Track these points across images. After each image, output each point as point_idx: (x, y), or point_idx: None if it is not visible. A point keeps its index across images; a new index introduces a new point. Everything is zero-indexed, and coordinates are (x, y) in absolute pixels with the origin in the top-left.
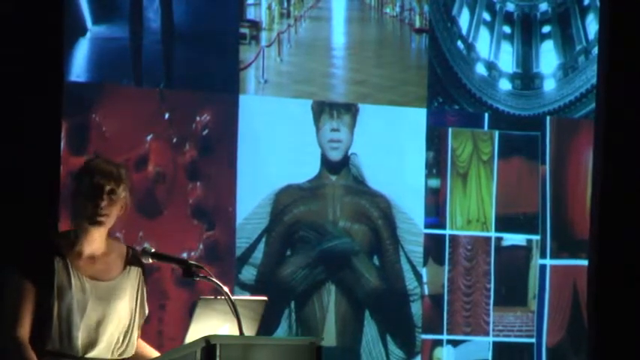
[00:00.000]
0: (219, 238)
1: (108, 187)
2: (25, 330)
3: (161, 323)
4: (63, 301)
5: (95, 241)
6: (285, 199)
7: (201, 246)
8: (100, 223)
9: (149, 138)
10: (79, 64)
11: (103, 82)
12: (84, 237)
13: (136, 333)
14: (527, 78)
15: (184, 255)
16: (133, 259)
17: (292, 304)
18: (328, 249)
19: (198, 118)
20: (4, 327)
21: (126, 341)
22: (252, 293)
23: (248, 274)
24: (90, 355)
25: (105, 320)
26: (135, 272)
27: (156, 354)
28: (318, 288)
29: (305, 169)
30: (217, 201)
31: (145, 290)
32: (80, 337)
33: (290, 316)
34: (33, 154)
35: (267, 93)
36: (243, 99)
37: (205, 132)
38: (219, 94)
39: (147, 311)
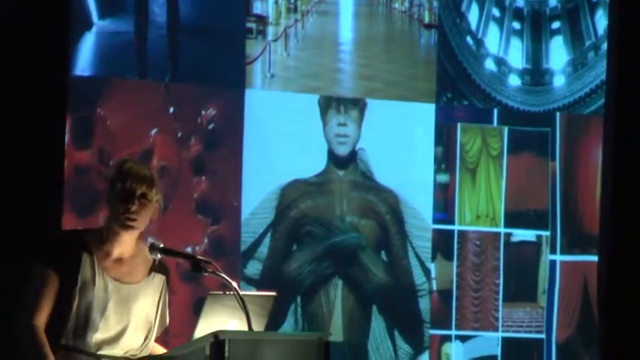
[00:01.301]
0: (224, 233)
1: (139, 191)
2: (42, 319)
3: None
4: (84, 297)
5: (125, 244)
6: (292, 194)
7: (206, 240)
8: (129, 227)
9: (154, 132)
10: (85, 59)
11: (108, 77)
12: (114, 238)
13: (152, 340)
14: (536, 74)
15: (189, 249)
16: (159, 266)
17: (298, 299)
18: (335, 244)
19: (203, 112)
20: (23, 313)
21: (141, 346)
22: (258, 288)
23: (253, 268)
24: (103, 352)
25: (123, 322)
26: (159, 279)
27: (162, 350)
28: (324, 283)
29: (311, 163)
30: (222, 195)
31: (167, 299)
32: (96, 335)
33: (296, 311)
34: (37, 148)
35: (274, 87)
36: (249, 93)
37: (211, 126)
38: (225, 88)
39: (167, 321)
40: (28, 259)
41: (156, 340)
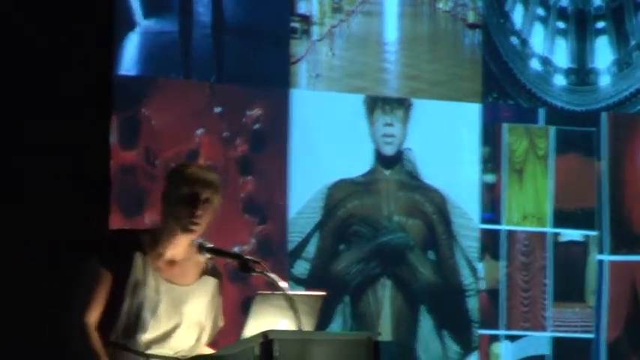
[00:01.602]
0: (271, 233)
1: (204, 196)
2: (94, 316)
3: None
4: (135, 297)
5: (179, 246)
6: (339, 194)
7: (253, 240)
8: (192, 231)
9: (199, 132)
10: (129, 58)
11: (153, 76)
12: (170, 240)
13: (203, 342)
14: (582, 73)
15: (236, 249)
16: (211, 269)
17: (346, 299)
18: (383, 243)
19: (249, 113)
20: (75, 311)
21: (192, 348)
22: (306, 288)
23: (301, 268)
24: (152, 351)
25: (174, 323)
26: (211, 282)
27: (210, 351)
28: (372, 282)
29: (358, 163)
30: (269, 195)
31: (219, 302)
32: (145, 335)
33: (344, 310)
34: (83, 148)
35: (319, 87)
36: (294, 93)
37: (256, 126)
38: (270, 88)
39: (221, 324)
40: (77, 258)
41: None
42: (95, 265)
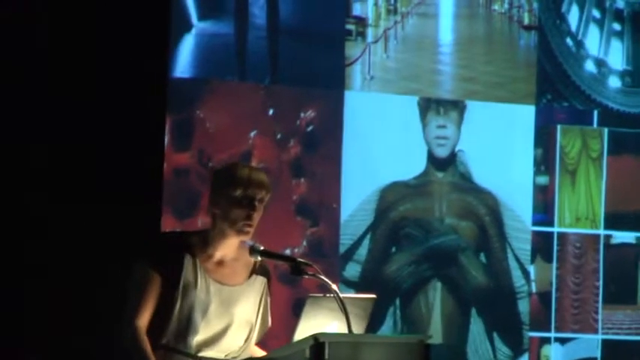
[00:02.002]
0: (323, 235)
1: (259, 197)
2: (144, 320)
3: None
4: (186, 299)
5: (229, 247)
6: (391, 196)
7: (304, 242)
8: (247, 233)
9: (253, 134)
10: (184, 60)
11: (207, 78)
12: (221, 241)
13: (253, 342)
14: (637, 75)
15: (287, 251)
16: (260, 268)
17: (397, 301)
18: (434, 246)
19: (302, 115)
20: (126, 314)
21: (241, 348)
22: (357, 290)
23: (353, 270)
24: (203, 353)
25: (224, 324)
26: (260, 282)
27: (261, 353)
28: (423, 285)
29: (411, 165)
30: (322, 197)
31: (268, 301)
32: (197, 337)
33: (395, 313)
34: (138, 150)
35: (373, 89)
36: (348, 95)
37: (310, 128)
38: (324, 90)
39: (269, 323)
40: (129, 260)
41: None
42: (145, 268)
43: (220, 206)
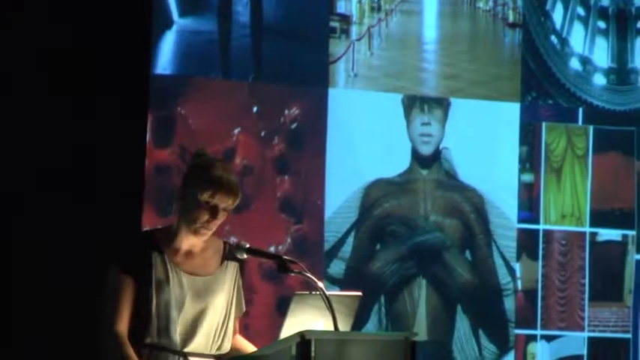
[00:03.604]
0: (307, 232)
1: (223, 206)
2: (124, 325)
3: (247, 317)
4: (161, 296)
5: (193, 238)
6: (375, 193)
7: (289, 240)
8: (203, 235)
9: (237, 131)
10: (165, 57)
11: (189, 75)
12: (184, 234)
13: (231, 328)
14: (622, 73)
15: (272, 249)
16: (230, 254)
17: (382, 299)
18: (419, 243)
19: (287, 112)
20: (105, 322)
21: (222, 335)
22: (342, 287)
23: (337, 268)
24: (188, 349)
25: (202, 315)
26: (232, 268)
27: (253, 348)
28: (408, 282)
29: (395, 163)
30: (306, 195)
31: (241, 286)
32: (178, 332)
33: (380, 310)
34: (118, 146)
35: (357, 87)
36: (332, 92)
37: (294, 125)
38: (308, 87)
39: (244, 307)
40: (105, 260)
41: (240, 333)
42: (115, 274)
43: (185, 202)
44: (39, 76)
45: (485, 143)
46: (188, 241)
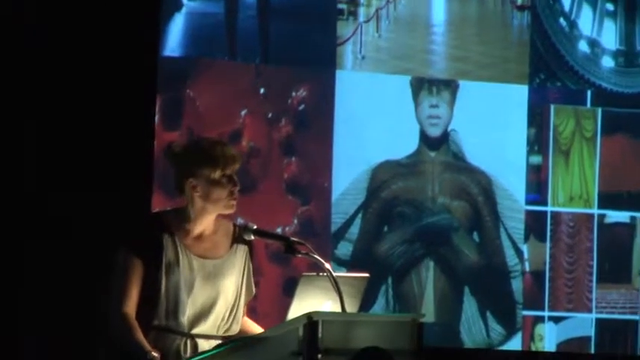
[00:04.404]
0: (314, 214)
1: (235, 171)
2: (132, 306)
3: (255, 299)
4: (171, 279)
5: (207, 221)
6: (383, 175)
7: (295, 221)
8: (233, 207)
9: (243, 113)
10: (174, 39)
11: (197, 57)
12: (201, 217)
13: (241, 310)
14: (630, 55)
15: (278, 230)
16: (240, 237)
17: (390, 280)
18: (427, 225)
19: (294, 94)
20: (113, 303)
21: (231, 318)
22: (349, 269)
23: (344, 249)
24: (195, 331)
25: (212, 298)
26: (242, 250)
27: (260, 330)
28: (416, 264)
29: (403, 145)
30: (313, 176)
31: (251, 268)
32: (187, 314)
33: (387, 292)
34: (127, 129)
35: (365, 69)
36: (340, 74)
37: (301, 107)
38: (316, 69)
39: (254, 290)
40: (115, 241)
41: (247, 315)
42: (125, 255)
43: (200, 188)
44: (50, 57)
45: (493, 125)
46: (202, 224)
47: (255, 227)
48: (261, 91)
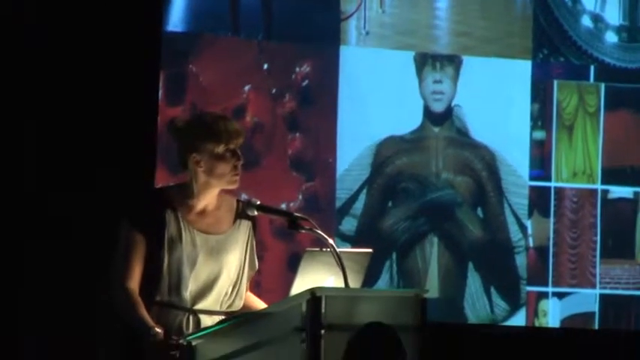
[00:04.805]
0: (318, 190)
1: (239, 145)
2: (135, 281)
3: (259, 274)
4: (173, 254)
5: (210, 196)
6: (387, 151)
7: (300, 197)
8: (237, 182)
9: (247, 88)
10: (177, 15)
11: (200, 33)
12: (203, 192)
13: (244, 286)
14: (633, 30)
15: (283, 206)
16: (243, 212)
17: (394, 256)
18: (431, 200)
19: (298, 69)
20: (116, 279)
21: (234, 294)
22: (353, 245)
23: (349, 225)
24: (198, 306)
25: (214, 274)
26: (245, 226)
27: (264, 306)
28: (420, 240)
29: (407, 120)
30: (317, 152)
31: (254, 244)
32: (189, 290)
33: (391, 267)
34: (131, 104)
35: (369, 44)
36: (344, 50)
37: (305, 83)
38: (319, 45)
39: (257, 265)
40: (119, 216)
41: (251, 290)
42: (127, 230)
43: (204, 163)
44: (54, 32)
45: (496, 101)
46: (205, 200)
47: (258, 203)
48: (265, 66)
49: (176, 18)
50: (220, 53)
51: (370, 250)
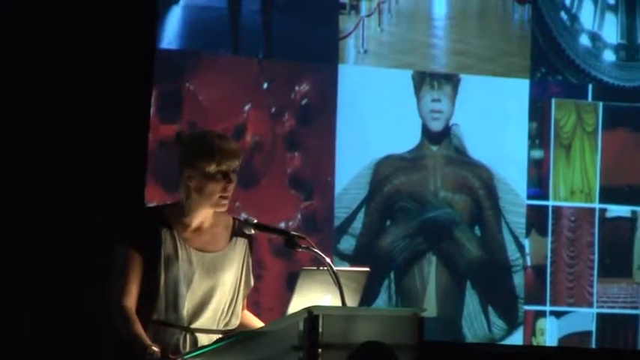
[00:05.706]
0: (317, 208)
1: (233, 168)
2: (132, 299)
3: (258, 293)
4: (170, 272)
5: (207, 214)
6: (385, 169)
7: (298, 216)
8: (224, 206)
9: (247, 107)
10: (172, 32)
11: (196, 50)
12: (197, 210)
13: (240, 304)
14: (631, 49)
15: (282, 225)
16: (239, 230)
17: (392, 275)
18: (429, 219)
19: (297, 88)
20: (113, 296)
21: (230, 312)
22: (351, 263)
23: (347, 244)
24: (195, 325)
25: (211, 292)
26: (241, 243)
27: (261, 324)
28: (418, 258)
29: (405, 139)
30: (316, 171)
31: (250, 262)
32: (186, 308)
33: (390, 286)
34: (122, 120)
35: (367, 63)
36: (342, 68)
37: (304, 102)
38: (318, 63)
39: (252, 283)
40: (111, 233)
41: (249, 309)
42: (124, 248)
43: (195, 180)
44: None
45: (494, 119)
46: (199, 218)
47: (255, 221)
48: (265, 85)
49: (170, 35)
50: (220, 72)
51: (367, 268)
